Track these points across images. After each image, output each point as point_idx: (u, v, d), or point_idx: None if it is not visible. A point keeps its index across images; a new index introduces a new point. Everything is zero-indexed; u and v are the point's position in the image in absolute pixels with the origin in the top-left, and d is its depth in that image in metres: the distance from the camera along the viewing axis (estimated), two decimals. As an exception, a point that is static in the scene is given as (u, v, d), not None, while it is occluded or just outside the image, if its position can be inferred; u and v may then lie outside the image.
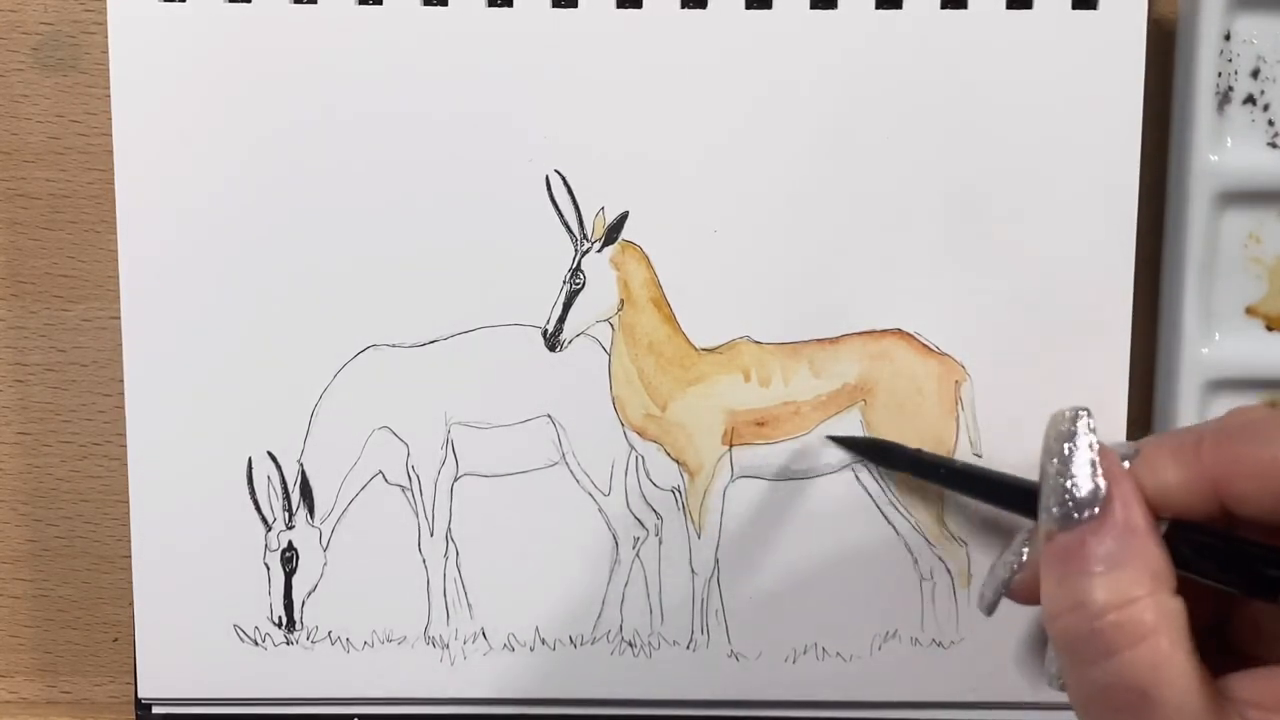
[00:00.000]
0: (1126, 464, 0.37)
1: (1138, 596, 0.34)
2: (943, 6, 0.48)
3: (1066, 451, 0.37)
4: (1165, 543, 0.36)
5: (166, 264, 0.49)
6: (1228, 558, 0.36)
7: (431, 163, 0.49)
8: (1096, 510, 0.36)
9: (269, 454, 0.50)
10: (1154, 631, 0.34)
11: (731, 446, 0.50)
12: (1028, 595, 0.41)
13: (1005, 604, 0.50)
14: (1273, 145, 0.49)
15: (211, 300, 0.50)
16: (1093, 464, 0.36)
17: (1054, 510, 0.36)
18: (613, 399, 0.50)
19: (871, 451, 0.50)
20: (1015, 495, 0.43)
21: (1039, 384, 0.50)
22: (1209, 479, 0.36)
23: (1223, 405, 0.49)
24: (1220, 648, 0.39)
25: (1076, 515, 0.36)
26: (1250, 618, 0.39)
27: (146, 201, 0.49)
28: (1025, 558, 0.41)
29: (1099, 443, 0.37)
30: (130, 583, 0.51)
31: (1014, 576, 0.41)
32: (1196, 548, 0.36)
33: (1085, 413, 0.37)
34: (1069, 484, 0.36)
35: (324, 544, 0.51)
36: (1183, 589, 0.36)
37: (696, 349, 0.50)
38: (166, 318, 0.50)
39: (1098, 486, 0.36)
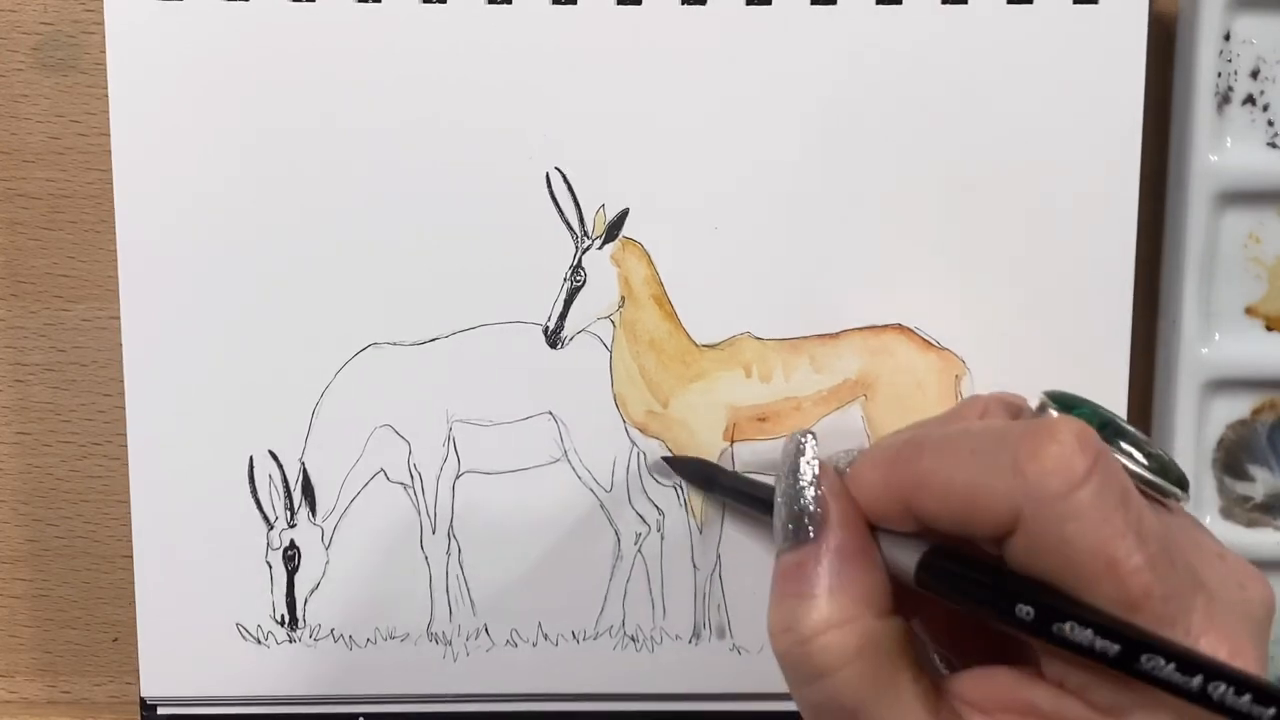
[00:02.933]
0: (848, 469, 0.37)
1: (843, 621, 0.35)
2: (943, 2, 0.48)
3: (791, 474, 0.37)
4: (924, 564, 0.36)
5: (166, 264, 0.49)
6: (973, 586, 0.35)
7: (431, 160, 0.49)
8: (812, 532, 0.36)
9: (270, 453, 0.50)
10: (859, 655, 0.35)
11: (733, 442, 0.51)
12: None
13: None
14: (1273, 145, 0.49)
15: (211, 299, 0.49)
16: (814, 485, 0.37)
17: (778, 531, 0.37)
18: (614, 396, 0.50)
19: (695, 474, 0.51)
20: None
21: (1039, 380, 0.50)
22: (898, 493, 0.36)
23: (1223, 405, 0.50)
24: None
25: (796, 537, 0.36)
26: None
27: (145, 201, 0.49)
28: None
29: (821, 465, 0.37)
30: (131, 582, 0.50)
31: None
32: (945, 574, 0.36)
33: (811, 436, 0.37)
34: (793, 506, 0.37)
35: (326, 542, 0.51)
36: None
37: (697, 345, 0.50)
38: (166, 317, 0.49)
39: (818, 510, 0.36)
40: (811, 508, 0.36)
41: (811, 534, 0.36)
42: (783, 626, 0.36)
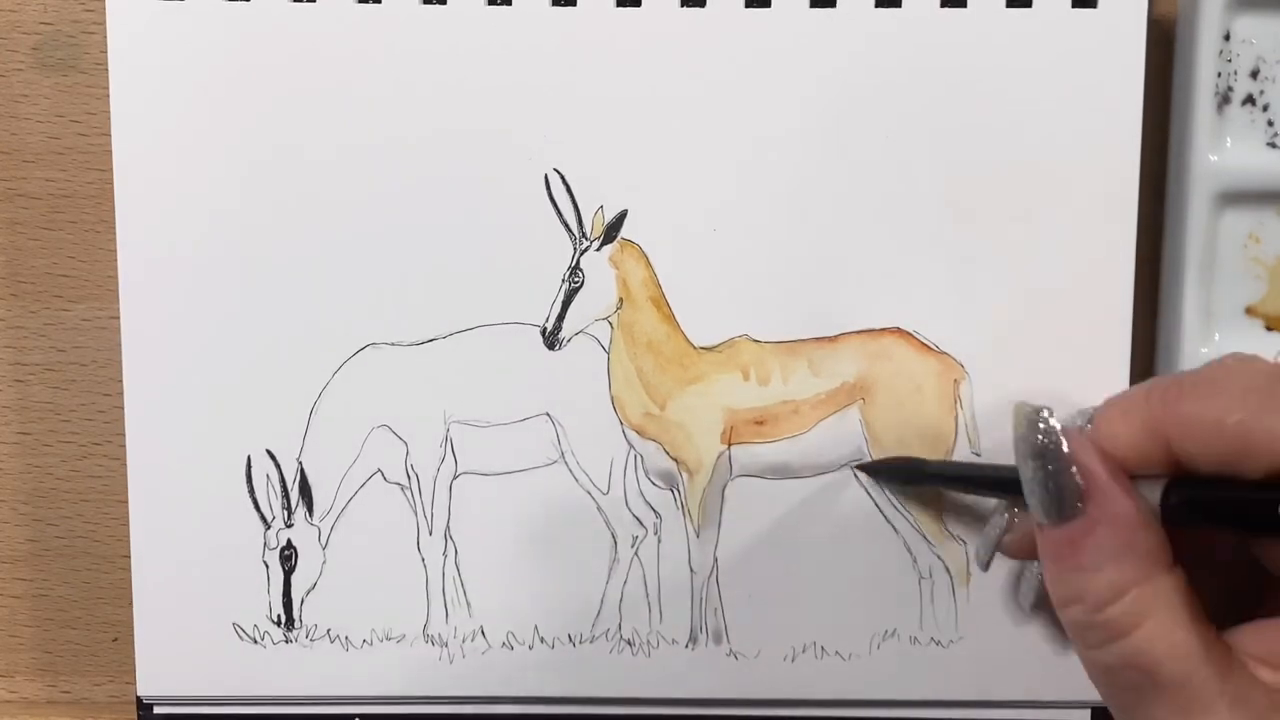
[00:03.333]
0: (1088, 426, 0.37)
1: (1132, 584, 0.35)
2: (942, 5, 0.48)
3: (1039, 449, 0.36)
4: (1165, 499, 0.36)
5: (166, 264, 0.49)
6: (1222, 506, 0.36)
7: (430, 161, 0.49)
8: (1080, 505, 0.36)
9: (268, 452, 0.50)
10: (1151, 614, 0.35)
11: (730, 445, 0.50)
12: (1018, 552, 0.44)
13: (1003, 604, 0.51)
14: (1273, 145, 0.49)
15: (210, 300, 0.49)
16: (1068, 458, 0.36)
17: (1039, 508, 0.37)
18: (611, 398, 0.50)
19: (897, 473, 0.51)
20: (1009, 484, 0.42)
21: (1038, 383, 0.50)
22: (1156, 437, 0.36)
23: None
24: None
25: (1061, 513, 0.36)
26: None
27: (146, 201, 0.49)
28: (1011, 524, 0.44)
29: (1069, 433, 0.37)
30: (130, 582, 0.51)
31: (1003, 538, 0.44)
32: (1198, 502, 0.36)
33: (1048, 411, 0.37)
34: (1050, 484, 0.36)
35: (323, 542, 0.51)
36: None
37: (695, 348, 0.50)
38: (166, 317, 0.50)
39: (1076, 484, 0.36)
40: (1074, 481, 0.36)
41: (1079, 506, 0.36)
42: (1070, 597, 0.36)
